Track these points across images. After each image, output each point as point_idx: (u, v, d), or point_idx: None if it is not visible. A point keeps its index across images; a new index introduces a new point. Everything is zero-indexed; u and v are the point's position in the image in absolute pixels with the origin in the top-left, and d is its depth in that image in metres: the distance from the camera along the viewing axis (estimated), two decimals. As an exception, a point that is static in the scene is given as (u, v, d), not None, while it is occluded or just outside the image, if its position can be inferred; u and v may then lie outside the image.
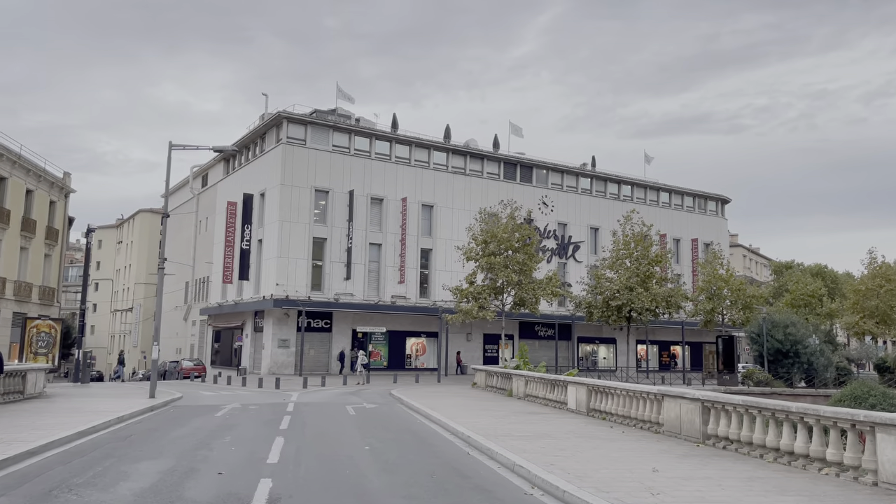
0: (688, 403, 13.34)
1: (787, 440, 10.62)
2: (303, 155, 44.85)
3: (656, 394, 14.63)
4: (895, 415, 8.63)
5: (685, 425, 13.38)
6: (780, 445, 10.77)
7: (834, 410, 9.67)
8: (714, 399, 12.61)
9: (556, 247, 55.61)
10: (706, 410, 12.88)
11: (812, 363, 42.13)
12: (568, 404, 19.47)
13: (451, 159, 51.41)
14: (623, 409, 16.19)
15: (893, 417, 8.59)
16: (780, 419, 10.90)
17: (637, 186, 61.47)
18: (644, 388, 15.18)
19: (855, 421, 9.29)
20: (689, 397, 13.30)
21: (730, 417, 12.19)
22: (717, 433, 12.44)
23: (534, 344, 54.38)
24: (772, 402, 11.11)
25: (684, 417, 13.43)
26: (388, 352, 47.20)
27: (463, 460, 10.96)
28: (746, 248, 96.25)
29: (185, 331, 60.14)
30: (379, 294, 46.69)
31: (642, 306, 41.89)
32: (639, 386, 15.59)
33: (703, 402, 12.90)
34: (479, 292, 39.61)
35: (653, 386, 15.51)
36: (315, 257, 44.95)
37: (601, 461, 10.30)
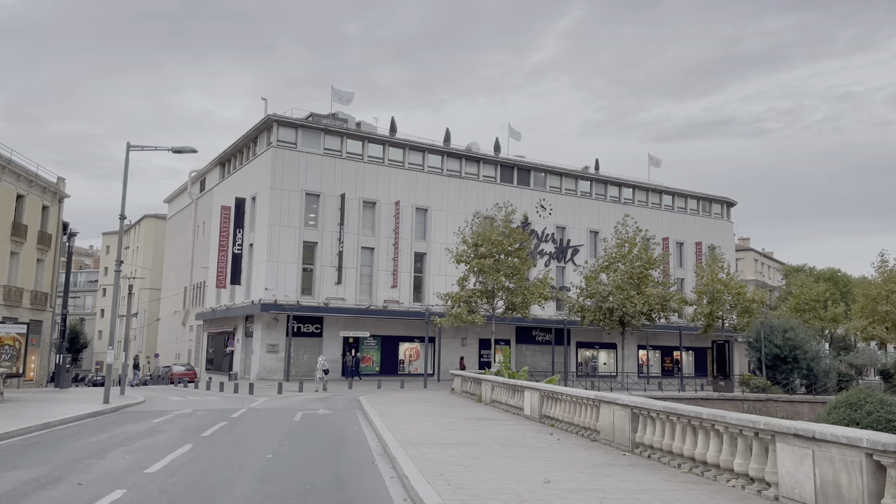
0: (619, 410, 12.66)
1: (701, 449, 9.93)
2: (293, 158, 44.61)
3: (594, 399, 13.96)
4: (794, 423, 7.92)
5: (617, 433, 12.70)
6: (694, 455, 10.07)
7: (738, 417, 8.97)
8: (640, 405, 11.92)
9: (555, 250, 54.82)
10: (635, 417, 12.19)
11: (812, 369, 40.92)
12: (524, 410, 18.82)
13: (446, 162, 50.91)
14: (568, 415, 15.54)
15: (791, 426, 7.88)
16: (695, 426, 10.21)
17: (639, 189, 60.49)
18: (585, 393, 14.51)
19: (757, 429, 8.60)
20: (621, 403, 12.62)
21: (655, 425, 11.50)
22: (644, 441, 11.74)
23: (531, 349, 53.77)
24: (688, 408, 10.42)
25: (617, 424, 12.75)
26: (380, 357, 46.72)
27: (360, 470, 10.40)
28: (758, 252, 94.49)
29: (183, 336, 60.19)
30: (371, 298, 46.23)
31: (635, 310, 41.00)
32: (583, 391, 14.92)
33: (633, 409, 12.22)
34: (470, 296, 39.02)
35: (590, 391, 14.81)
36: (305, 261, 44.63)
37: (499, 472, 9.68)
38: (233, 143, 50.13)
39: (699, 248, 61.27)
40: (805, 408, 37.41)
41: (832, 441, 7.21)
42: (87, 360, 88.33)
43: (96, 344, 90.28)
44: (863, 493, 6.84)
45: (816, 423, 9.25)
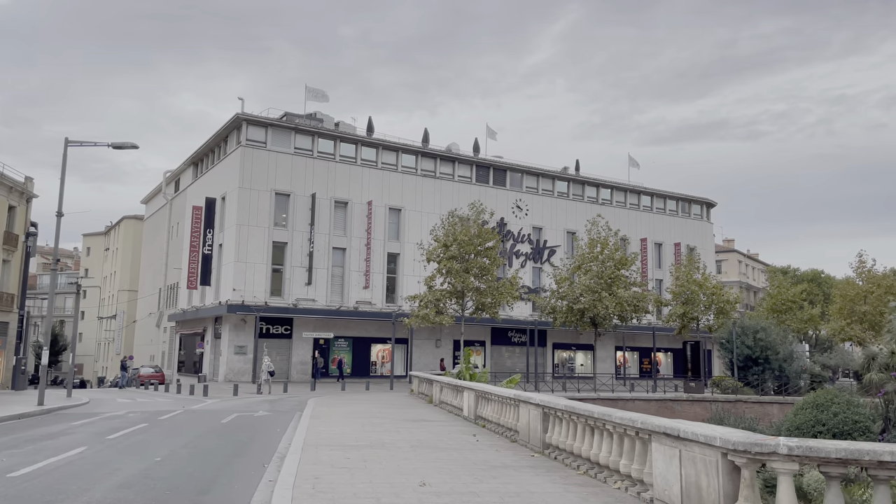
0: (533, 409, 12.23)
1: (595, 450, 9.50)
2: (263, 158, 44.12)
3: (513, 399, 13.53)
4: (665, 422, 7.49)
5: (532, 433, 12.27)
6: (590, 455, 9.65)
7: (622, 416, 8.54)
8: (549, 404, 11.49)
9: (531, 251, 54.43)
10: (546, 417, 11.77)
11: (784, 370, 40.59)
12: (463, 411, 18.39)
13: (421, 162, 50.48)
14: (496, 415, 15.10)
15: (662, 425, 7.46)
16: (592, 426, 9.78)
17: (617, 190, 60.16)
18: (508, 393, 14.07)
19: (636, 428, 8.17)
20: (533, 403, 12.20)
21: (561, 425, 11.08)
22: (552, 441, 11.33)
23: (507, 351, 53.32)
24: (585, 407, 10.00)
25: (531, 425, 12.32)
26: (351, 359, 46.21)
27: (244, 473, 9.95)
28: (743, 254, 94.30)
29: (157, 338, 59.56)
30: (343, 299, 45.74)
31: (606, 311, 40.61)
32: (506, 391, 14.48)
33: (544, 409, 11.79)
34: (438, 297, 38.57)
35: (512, 390, 14.38)
36: (275, 262, 44.12)
37: (382, 474, 9.23)
38: (204, 143, 49.65)
39: (678, 249, 60.97)
40: (775, 409, 37.03)
41: (693, 440, 6.80)
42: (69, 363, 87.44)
43: (76, 346, 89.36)
44: (719, 495, 6.43)
45: (709, 423, 8.84)
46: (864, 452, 5.56)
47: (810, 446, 5.74)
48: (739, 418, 33.88)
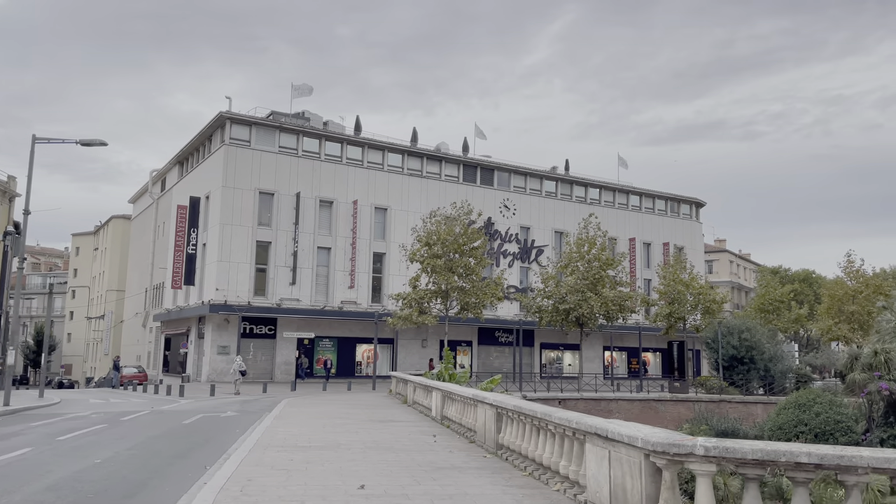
0: (488, 409, 12.01)
1: (540, 450, 9.29)
2: (246, 156, 43.84)
3: (472, 398, 13.32)
4: (597, 422, 7.28)
5: (487, 433, 12.06)
6: (535, 456, 9.44)
7: (560, 416, 8.33)
8: (501, 404, 11.28)
9: (519, 251, 54.23)
10: (500, 417, 11.55)
11: (769, 369, 40.45)
12: (432, 411, 18.17)
13: (407, 161, 50.24)
14: (458, 415, 14.89)
15: (593, 425, 7.24)
16: (537, 426, 9.57)
17: (606, 189, 60.00)
18: (468, 392, 13.85)
19: (572, 428, 7.96)
20: (488, 402, 11.98)
21: (513, 425, 10.86)
22: (504, 442, 11.11)
23: (495, 350, 53.10)
24: (531, 406, 9.79)
25: (487, 425, 12.10)
26: (336, 358, 45.95)
27: (181, 475, 9.71)
28: (734, 254, 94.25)
29: (144, 338, 59.23)
30: (327, 299, 45.49)
31: (590, 311, 40.44)
32: (467, 390, 14.27)
33: (497, 408, 11.57)
34: (422, 297, 38.35)
35: (471, 390, 14.18)
36: (259, 261, 43.85)
37: (320, 477, 9.00)
38: (189, 142, 49.36)
39: (667, 249, 60.80)
40: (759, 409, 36.89)
41: (619, 440, 6.59)
42: (57, 363, 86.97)
43: (65, 346, 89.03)
44: (642, 498, 6.22)
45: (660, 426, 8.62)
46: (781, 454, 5.36)
47: (727, 447, 5.53)
48: (723, 418, 33.73)
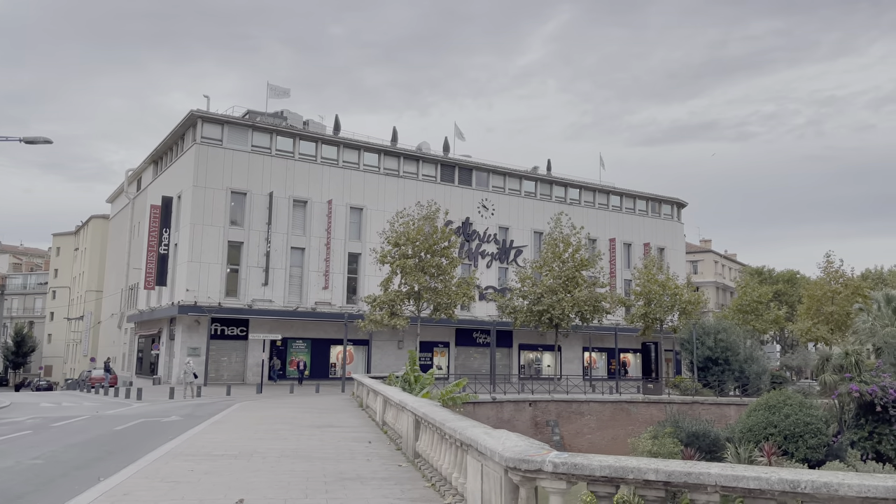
0: (409, 415, 11.61)
1: (441, 460, 8.90)
2: (218, 155, 43.32)
3: (398, 404, 12.92)
4: (478, 433, 6.88)
5: (408, 440, 11.67)
6: (438, 466, 9.05)
7: (453, 426, 7.93)
8: (416, 410, 10.87)
9: (497, 251, 53.86)
10: (417, 424, 11.15)
11: (744, 371, 40.19)
12: (377, 415, 17.77)
13: (383, 161, 49.80)
14: (393, 421, 14.49)
15: (472, 436, 6.84)
16: (441, 435, 9.16)
17: (586, 189, 59.69)
18: (397, 397, 13.44)
19: (459, 438, 7.57)
20: (408, 408, 11.57)
21: (427, 432, 10.46)
22: (419, 450, 10.72)
23: (473, 352, 52.70)
24: (436, 412, 9.38)
25: (408, 432, 11.71)
26: (310, 360, 45.47)
27: (65, 488, 9.25)
28: (719, 254, 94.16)
29: (119, 339, 58.60)
30: (301, 300, 45.02)
31: (563, 311, 40.16)
32: (399, 395, 13.85)
33: (416, 415, 11.16)
34: (393, 299, 37.95)
35: (402, 395, 13.76)
36: (231, 262, 43.35)
37: (206, 489, 8.58)
38: (162, 141, 48.80)
39: (648, 249, 60.56)
40: (732, 410, 36.59)
41: (486, 453, 6.20)
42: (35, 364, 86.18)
43: (46, 347, 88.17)
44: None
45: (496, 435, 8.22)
46: (629, 470, 4.97)
47: (576, 462, 5.14)
48: (695, 420, 33.46)
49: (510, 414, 33.82)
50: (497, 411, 33.33)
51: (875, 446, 31.37)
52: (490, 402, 33.29)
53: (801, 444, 30.67)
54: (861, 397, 31.54)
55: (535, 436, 34.66)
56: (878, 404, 30.94)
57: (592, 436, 34.72)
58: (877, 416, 31.24)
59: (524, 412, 34.34)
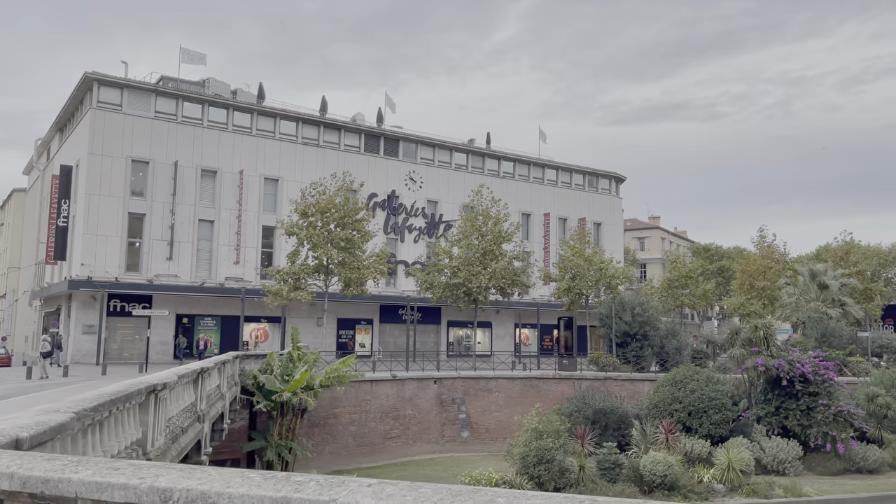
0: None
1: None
2: (117, 122, 40.72)
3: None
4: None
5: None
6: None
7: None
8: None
9: (426, 225, 52.17)
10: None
11: (664, 346, 39.25)
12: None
13: (301, 129, 47.56)
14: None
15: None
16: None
17: (521, 163, 58.17)
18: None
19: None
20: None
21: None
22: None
23: (398, 328, 51.06)
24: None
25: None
26: (219, 338, 43.40)
27: None
28: (667, 231, 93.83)
29: (31, 317, 55.78)
30: (211, 275, 42.88)
31: (480, 285, 38.72)
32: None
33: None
34: (297, 272, 36.08)
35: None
36: (132, 235, 40.98)
37: None
38: (63, 107, 45.90)
39: (583, 224, 59.33)
40: (646, 386, 35.65)
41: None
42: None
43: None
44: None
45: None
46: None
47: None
48: (604, 396, 32.39)
49: (412, 392, 32.35)
50: (398, 389, 31.83)
51: (782, 421, 30.63)
52: (390, 381, 31.76)
53: (704, 419, 29.76)
54: (767, 371, 30.74)
55: (440, 414, 33.30)
56: (785, 379, 30.18)
57: (500, 413, 33.45)
58: (783, 390, 30.48)
59: (428, 390, 32.90)
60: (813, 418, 29.22)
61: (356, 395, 29.83)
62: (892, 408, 31.54)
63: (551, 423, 23.97)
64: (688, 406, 29.75)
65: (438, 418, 32.47)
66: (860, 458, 28.83)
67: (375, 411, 30.45)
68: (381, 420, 30.59)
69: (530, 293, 50.85)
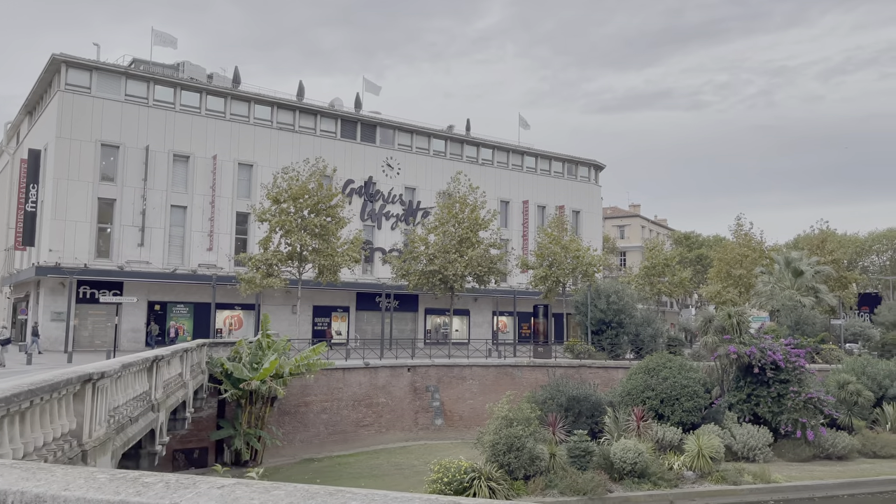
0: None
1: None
2: (86, 105, 39.85)
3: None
4: None
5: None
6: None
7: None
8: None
9: (403, 212, 51.79)
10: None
11: (639, 333, 39.30)
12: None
13: (276, 114, 46.90)
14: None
15: None
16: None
17: (499, 150, 57.87)
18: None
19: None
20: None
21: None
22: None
23: (375, 316, 50.81)
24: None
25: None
26: (193, 325, 42.88)
27: None
28: (647, 219, 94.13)
29: (1, 304, 54.82)
30: (183, 262, 42.28)
31: (456, 272, 38.50)
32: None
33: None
34: (270, 259, 35.63)
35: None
36: (102, 220, 40.25)
37: None
38: (32, 89, 44.83)
39: (562, 212, 59.28)
40: (621, 373, 35.62)
41: None
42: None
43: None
44: None
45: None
46: None
47: None
48: (578, 384, 32.32)
49: (386, 380, 32.12)
50: (370, 377, 31.58)
51: (753, 408, 30.77)
52: (363, 368, 31.49)
53: (677, 407, 29.79)
54: (739, 359, 30.83)
55: (414, 402, 33.13)
56: (757, 366, 30.29)
57: (474, 401, 33.34)
58: (755, 378, 30.58)
59: (402, 378, 32.68)
60: (783, 405, 29.36)
61: (328, 383, 29.55)
62: (863, 395, 31.80)
63: (522, 411, 23.85)
64: (660, 393, 29.75)
65: (412, 406, 32.29)
66: (829, 445, 29.04)
67: (348, 399, 30.20)
68: (354, 408, 30.35)
69: (508, 281, 50.85)
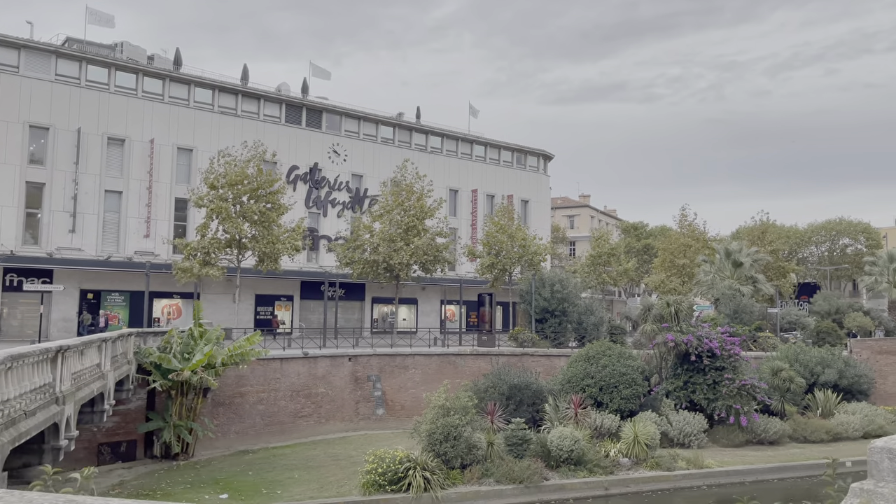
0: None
1: None
2: (13, 84, 38.00)
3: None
4: None
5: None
6: None
7: None
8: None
9: (350, 199, 51.06)
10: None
11: (582, 322, 39.57)
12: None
13: (218, 98, 45.56)
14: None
15: None
16: None
17: (448, 138, 57.49)
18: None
19: None
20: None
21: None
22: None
23: (320, 305, 50.08)
24: None
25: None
26: (128, 314, 41.51)
27: None
28: (596, 210, 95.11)
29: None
30: (119, 249, 40.84)
31: (401, 261, 38.09)
32: None
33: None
34: (207, 246, 34.61)
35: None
36: (30, 205, 38.54)
37: None
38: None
39: (510, 202, 59.31)
40: (563, 361, 35.76)
41: None
42: None
43: None
44: None
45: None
46: None
47: None
48: (519, 372, 32.30)
49: (326, 370, 31.58)
50: (310, 367, 31.00)
51: (689, 395, 31.26)
52: (302, 358, 30.89)
53: (615, 394, 30.05)
54: (677, 347, 31.26)
55: (355, 392, 32.68)
56: (693, 354, 30.75)
57: (416, 390, 33.06)
58: (692, 365, 31.04)
59: (342, 367, 32.18)
60: (718, 392, 29.90)
61: (265, 374, 28.88)
62: (795, 381, 32.60)
63: (459, 400, 23.67)
64: (599, 381, 29.97)
65: (353, 396, 31.85)
66: (762, 430, 29.72)
67: (286, 390, 29.58)
68: (292, 398, 29.76)
69: (456, 270, 50.63)
